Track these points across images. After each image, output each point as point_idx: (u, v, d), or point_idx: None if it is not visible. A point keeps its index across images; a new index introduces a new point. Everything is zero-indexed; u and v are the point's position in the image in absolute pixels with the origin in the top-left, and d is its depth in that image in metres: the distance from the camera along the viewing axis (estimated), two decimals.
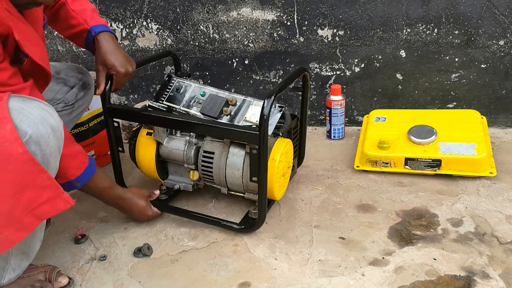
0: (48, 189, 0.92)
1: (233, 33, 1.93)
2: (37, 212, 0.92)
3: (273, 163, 1.25)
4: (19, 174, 0.88)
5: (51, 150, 0.94)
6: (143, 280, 1.16)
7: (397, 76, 1.86)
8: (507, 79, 1.77)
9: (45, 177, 0.91)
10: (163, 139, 1.39)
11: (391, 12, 1.75)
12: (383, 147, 1.56)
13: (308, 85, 1.42)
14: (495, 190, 1.42)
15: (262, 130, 1.14)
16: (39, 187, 0.91)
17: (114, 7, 2.01)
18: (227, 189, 1.37)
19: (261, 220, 1.28)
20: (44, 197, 0.92)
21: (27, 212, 0.90)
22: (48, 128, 0.92)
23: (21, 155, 0.87)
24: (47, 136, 0.92)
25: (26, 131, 0.88)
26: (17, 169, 0.87)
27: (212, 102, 1.36)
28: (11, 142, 0.85)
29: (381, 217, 1.34)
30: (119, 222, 1.40)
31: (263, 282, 1.12)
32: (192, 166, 1.37)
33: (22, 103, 0.90)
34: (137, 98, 2.19)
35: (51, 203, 0.93)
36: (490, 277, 1.08)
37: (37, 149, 0.90)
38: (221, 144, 1.32)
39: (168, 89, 1.43)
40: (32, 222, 0.92)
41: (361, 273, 1.12)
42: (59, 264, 1.22)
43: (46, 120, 0.92)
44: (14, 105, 0.88)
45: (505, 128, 1.84)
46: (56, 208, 0.94)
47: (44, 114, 0.92)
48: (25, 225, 0.91)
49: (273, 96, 1.14)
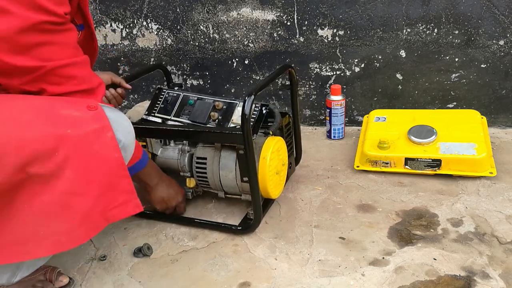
0: (125, 193, 0.99)
1: (233, 33, 1.93)
2: (109, 214, 0.97)
3: (264, 161, 1.26)
4: (109, 177, 0.95)
5: (128, 156, 1.06)
6: (143, 280, 1.16)
7: (397, 76, 1.86)
8: (507, 79, 1.77)
9: (127, 182, 0.99)
10: (157, 150, 1.43)
11: (391, 12, 1.75)
12: (383, 147, 1.56)
13: (295, 81, 1.43)
14: (495, 190, 1.42)
15: (245, 130, 1.16)
16: (119, 191, 0.97)
17: (114, 7, 2.01)
18: (224, 193, 1.39)
19: (257, 220, 1.29)
20: (119, 201, 0.98)
21: (102, 214, 0.96)
22: (132, 138, 1.05)
23: (116, 160, 0.96)
24: (131, 145, 1.05)
25: (121, 139, 0.98)
26: (109, 173, 0.95)
27: (199, 108, 1.40)
28: (110, 148, 0.95)
29: (381, 217, 1.34)
30: (119, 222, 1.40)
31: (263, 282, 1.12)
32: (188, 174, 1.40)
33: (115, 114, 1.00)
34: (137, 98, 2.19)
35: (122, 207, 0.99)
36: (490, 277, 1.08)
37: (124, 155, 1.00)
38: (212, 149, 1.35)
39: (159, 101, 1.47)
40: (101, 224, 0.97)
41: (361, 273, 1.12)
42: (59, 264, 1.21)
43: (131, 131, 1.05)
44: (110, 115, 0.97)
45: (505, 128, 1.84)
46: (125, 212, 1.00)
47: (129, 125, 1.04)
48: (96, 226, 0.96)
49: (252, 95, 1.16)
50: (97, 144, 0.93)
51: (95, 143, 0.92)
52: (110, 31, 2.06)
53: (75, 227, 0.92)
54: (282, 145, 1.36)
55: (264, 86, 1.24)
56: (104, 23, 2.05)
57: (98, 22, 2.06)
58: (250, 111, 1.15)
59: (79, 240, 0.94)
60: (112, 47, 2.10)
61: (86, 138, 0.91)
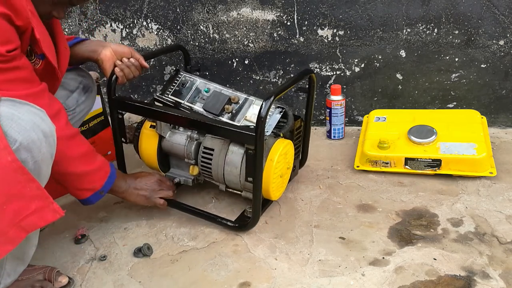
0: (36, 199, 0.88)
1: (233, 33, 1.93)
2: (24, 224, 0.87)
3: (271, 163, 1.25)
4: (7, 183, 0.83)
5: (43, 156, 0.91)
6: (143, 280, 1.16)
7: (397, 76, 1.86)
8: (507, 79, 1.77)
9: (34, 186, 0.87)
10: (166, 133, 1.39)
11: (391, 12, 1.75)
12: (383, 147, 1.56)
13: (314, 87, 1.41)
14: (495, 190, 1.42)
15: (258, 132, 1.15)
16: (27, 197, 0.86)
17: (114, 7, 2.01)
18: (225, 186, 1.37)
19: (255, 220, 1.28)
20: (32, 208, 0.87)
21: (13, 225, 0.85)
22: (40, 134, 0.89)
23: (10, 163, 0.82)
24: (39, 143, 0.88)
25: (16, 138, 0.84)
26: (4, 179, 0.82)
27: (215, 99, 1.36)
28: (0, 150, 0.82)
29: (381, 217, 1.34)
30: (119, 222, 1.40)
31: (263, 282, 1.12)
32: (192, 161, 1.38)
33: (12, 108, 0.86)
34: (137, 98, 2.19)
35: (39, 214, 0.88)
36: (490, 277, 1.08)
37: (28, 156, 0.87)
38: (221, 141, 1.33)
39: (175, 83, 1.44)
40: (18, 235, 0.87)
41: (361, 273, 1.12)
42: (59, 264, 1.21)
43: (38, 126, 0.88)
44: (4, 111, 0.85)
45: (505, 128, 1.84)
46: (44, 219, 0.89)
47: (35, 119, 0.88)
48: (10, 239, 0.86)
49: (272, 98, 1.14)
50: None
51: None
52: (110, 31, 2.06)
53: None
54: (290, 148, 1.35)
55: (284, 90, 1.22)
56: (104, 23, 2.05)
57: (98, 22, 2.06)
58: (267, 114, 1.14)
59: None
60: None
61: None
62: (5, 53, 0.91)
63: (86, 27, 2.09)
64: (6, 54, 0.92)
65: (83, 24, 2.09)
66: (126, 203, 1.43)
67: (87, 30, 2.09)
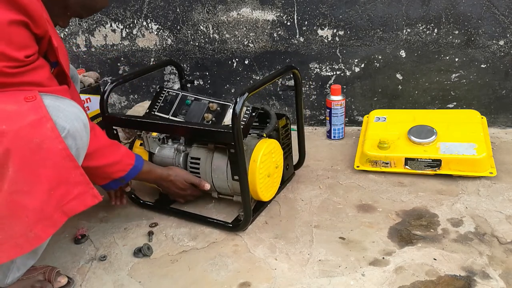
0: (79, 185, 0.95)
1: (233, 33, 1.93)
2: (66, 208, 0.94)
3: (254, 164, 1.27)
4: (57, 170, 0.91)
5: (83, 144, 0.99)
6: (143, 280, 1.16)
7: (397, 76, 1.86)
8: (507, 79, 1.77)
9: (78, 173, 0.95)
10: (155, 149, 1.45)
11: (391, 12, 1.75)
12: (383, 147, 1.56)
13: (299, 83, 1.43)
14: (495, 190, 1.42)
15: (235, 128, 1.16)
16: (72, 183, 0.94)
17: (114, 7, 2.01)
18: (217, 193, 1.40)
19: (247, 219, 1.29)
20: (74, 193, 0.95)
21: (58, 208, 0.93)
22: (81, 124, 0.97)
23: (61, 151, 0.91)
24: (81, 132, 0.97)
25: (65, 126, 0.92)
26: (56, 166, 0.90)
27: (195, 109, 1.42)
28: (52, 139, 0.89)
29: (381, 217, 1.34)
30: (119, 222, 1.40)
31: (263, 282, 1.12)
32: None
33: (56, 101, 0.94)
34: (137, 98, 2.19)
35: (80, 199, 0.96)
36: (490, 277, 1.08)
37: (73, 143, 0.94)
38: (206, 150, 1.37)
39: (160, 99, 1.49)
40: (60, 219, 0.94)
41: (361, 273, 1.12)
42: (59, 264, 1.22)
43: (79, 117, 0.96)
44: (50, 103, 0.92)
45: (505, 128, 1.84)
46: (84, 203, 0.97)
47: (76, 111, 0.96)
48: (54, 222, 0.94)
49: (245, 95, 1.15)
50: (37, 137, 0.88)
51: (35, 136, 0.88)
52: (110, 31, 2.06)
53: (30, 227, 0.90)
54: (276, 147, 1.36)
55: (260, 86, 1.23)
56: (104, 23, 2.06)
57: (98, 22, 2.06)
58: (241, 111, 1.15)
59: (38, 240, 0.92)
60: (112, 47, 2.10)
61: (24, 132, 0.87)
62: (23, 58, 0.93)
63: (86, 27, 2.09)
64: (24, 60, 0.94)
65: (83, 24, 2.09)
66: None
67: (87, 30, 2.09)
